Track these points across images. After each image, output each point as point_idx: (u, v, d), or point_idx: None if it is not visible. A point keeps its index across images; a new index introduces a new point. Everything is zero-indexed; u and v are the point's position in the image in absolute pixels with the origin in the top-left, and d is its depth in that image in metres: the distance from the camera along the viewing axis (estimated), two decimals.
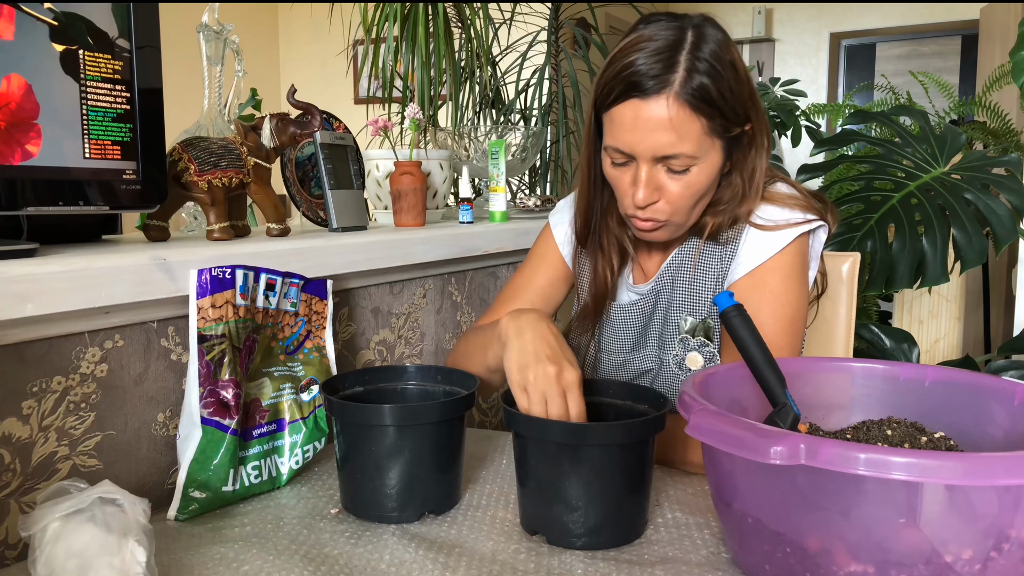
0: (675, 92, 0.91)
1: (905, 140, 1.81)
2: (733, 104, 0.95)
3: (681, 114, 0.91)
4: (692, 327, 1.07)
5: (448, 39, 2.19)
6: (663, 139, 0.92)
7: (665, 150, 0.93)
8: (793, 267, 1.03)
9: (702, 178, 0.97)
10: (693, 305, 1.07)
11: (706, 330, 1.07)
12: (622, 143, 0.95)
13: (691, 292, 1.07)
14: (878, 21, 5.75)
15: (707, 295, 1.06)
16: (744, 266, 1.03)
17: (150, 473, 0.93)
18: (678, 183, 0.96)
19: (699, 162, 0.95)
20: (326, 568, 0.75)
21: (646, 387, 0.89)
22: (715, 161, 0.97)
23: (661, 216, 0.99)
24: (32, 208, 0.82)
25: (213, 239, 1.04)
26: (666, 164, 0.95)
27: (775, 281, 1.02)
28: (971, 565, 0.59)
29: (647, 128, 0.93)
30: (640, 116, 0.93)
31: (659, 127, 0.92)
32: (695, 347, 1.07)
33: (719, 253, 1.06)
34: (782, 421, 0.79)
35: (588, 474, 0.77)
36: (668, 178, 0.96)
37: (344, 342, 1.23)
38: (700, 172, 0.96)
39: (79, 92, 0.84)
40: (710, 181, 0.98)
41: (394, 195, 1.36)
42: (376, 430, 0.84)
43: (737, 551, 0.73)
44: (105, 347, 0.88)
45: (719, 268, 1.06)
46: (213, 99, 1.24)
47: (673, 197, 0.97)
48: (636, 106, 0.93)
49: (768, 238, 1.02)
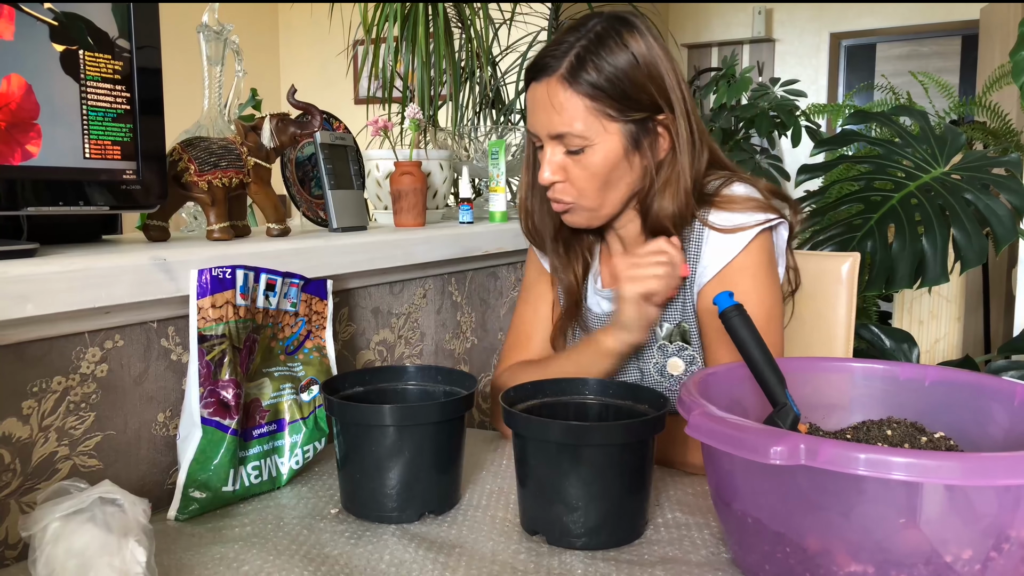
0: (560, 74, 0.98)
1: (905, 140, 1.81)
2: (625, 89, 0.97)
3: (563, 94, 0.98)
4: (668, 333, 1.08)
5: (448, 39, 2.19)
6: (551, 117, 0.99)
7: (555, 127, 0.99)
8: (760, 265, 1.03)
9: (598, 160, 1.00)
10: (665, 311, 1.07)
11: (682, 334, 1.07)
12: (528, 124, 1.04)
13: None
14: (878, 21, 5.75)
15: (677, 300, 1.06)
16: (710, 269, 1.03)
17: (150, 473, 0.93)
18: (577, 165, 1.01)
19: (593, 144, 0.99)
20: (326, 568, 0.75)
21: (646, 387, 0.89)
22: (613, 146, 0.99)
23: (567, 197, 1.03)
24: (32, 208, 0.82)
25: (213, 239, 1.04)
26: (562, 144, 1.00)
27: (744, 281, 1.02)
28: (971, 565, 0.59)
29: (539, 108, 1.00)
30: (535, 97, 1.01)
31: (546, 106, 0.99)
32: (674, 352, 1.08)
33: (687, 249, 1.06)
34: (782, 421, 0.79)
35: (588, 474, 0.77)
36: (570, 161, 1.01)
37: (344, 342, 1.23)
38: (596, 154, 0.99)
39: (79, 92, 0.84)
40: (610, 165, 1.00)
41: (394, 195, 1.36)
42: (376, 430, 0.84)
43: (737, 551, 0.73)
44: (105, 347, 0.88)
45: (692, 262, 1.06)
46: (213, 99, 1.24)
47: (575, 179, 1.02)
48: (533, 89, 1.01)
49: (728, 240, 1.03)
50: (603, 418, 0.90)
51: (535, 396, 0.90)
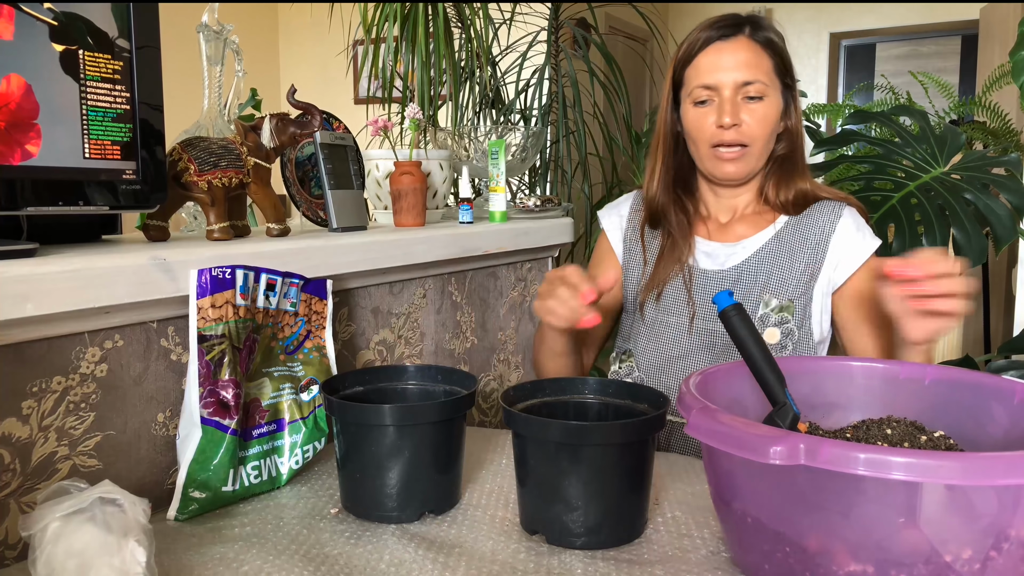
0: (747, 35, 1.16)
1: (905, 140, 1.81)
2: (784, 56, 1.18)
3: (754, 48, 1.15)
4: (776, 306, 1.16)
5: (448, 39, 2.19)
6: (743, 67, 1.13)
7: (745, 75, 1.13)
8: None
9: (772, 111, 1.15)
10: (778, 288, 1.16)
11: (786, 309, 1.15)
12: (708, 79, 1.15)
13: (778, 276, 1.16)
14: (878, 21, 5.75)
15: (793, 280, 1.15)
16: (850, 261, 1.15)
17: (150, 473, 0.93)
18: (755, 112, 1.14)
19: (769, 95, 1.14)
20: (326, 568, 0.75)
21: (646, 386, 0.89)
22: (778, 102, 1.16)
23: (744, 139, 1.14)
24: (32, 208, 0.82)
25: (213, 239, 1.04)
26: (744, 91, 1.14)
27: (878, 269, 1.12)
28: (971, 564, 0.58)
29: (730, 60, 1.14)
30: (724, 52, 1.15)
31: (739, 58, 1.14)
32: (775, 323, 1.15)
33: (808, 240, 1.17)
34: (781, 420, 0.79)
35: (587, 473, 0.77)
36: (746, 108, 1.14)
37: (344, 342, 1.23)
38: (770, 105, 1.15)
39: (79, 92, 0.84)
40: (776, 119, 1.16)
41: (394, 195, 1.36)
42: (376, 430, 0.84)
43: (737, 551, 0.73)
44: (105, 347, 0.88)
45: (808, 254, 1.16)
46: (213, 99, 1.24)
47: (752, 123, 1.14)
48: (719, 47, 1.15)
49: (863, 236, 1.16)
50: (603, 417, 0.90)
51: (535, 395, 0.90)
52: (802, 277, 1.16)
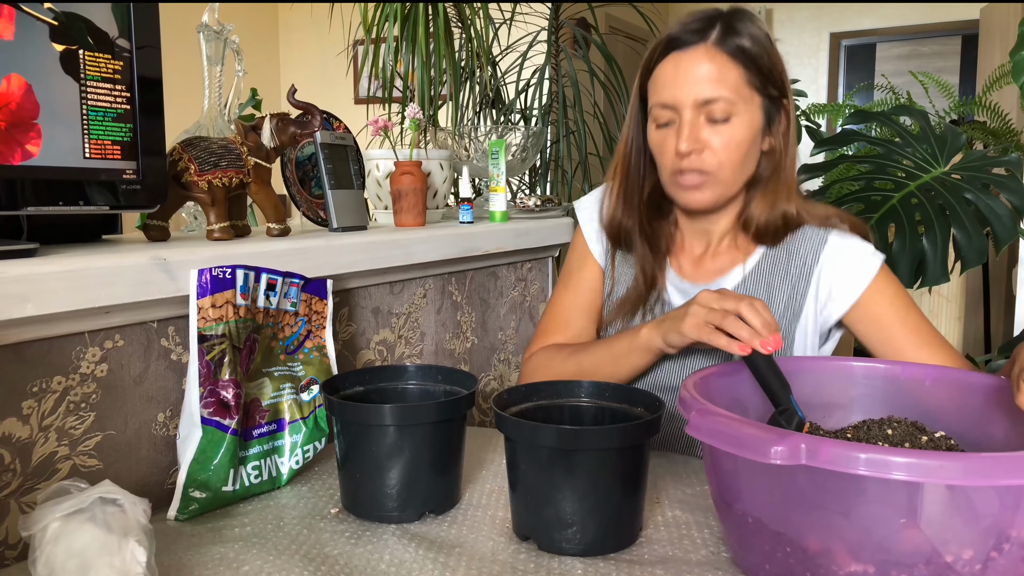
0: (712, 42, 0.99)
1: (905, 140, 1.81)
2: (769, 66, 1.01)
3: (718, 59, 0.99)
4: None
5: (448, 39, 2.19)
6: (703, 82, 0.98)
7: (705, 92, 0.98)
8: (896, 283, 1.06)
9: (743, 131, 1.00)
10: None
11: None
12: (666, 96, 1.01)
13: None
14: (878, 21, 5.75)
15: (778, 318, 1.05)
16: (852, 286, 1.04)
17: (150, 473, 0.93)
18: (720, 135, 0.99)
19: (739, 112, 0.99)
20: (326, 568, 0.75)
21: (642, 390, 0.87)
22: (755, 118, 1.01)
23: (707, 167, 1.00)
24: (32, 208, 0.82)
25: (213, 239, 1.04)
26: (707, 111, 0.99)
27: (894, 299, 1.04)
28: (971, 565, 0.58)
29: (688, 75, 0.99)
30: (680, 65, 1.00)
31: (699, 72, 0.99)
32: None
33: (788, 275, 1.06)
34: (786, 423, 0.79)
35: (581, 479, 0.76)
36: (711, 130, 0.99)
37: (344, 342, 1.23)
38: (740, 125, 0.99)
39: (79, 92, 0.84)
40: (750, 140, 1.01)
41: (394, 195, 1.36)
42: (376, 430, 0.84)
43: (737, 551, 0.73)
44: (105, 347, 0.88)
45: (788, 292, 1.06)
46: (213, 99, 1.24)
47: (717, 148, 1.00)
48: (677, 58, 1.00)
49: (861, 259, 1.05)
50: (599, 421, 0.89)
51: (529, 399, 0.89)
52: (781, 319, 1.06)
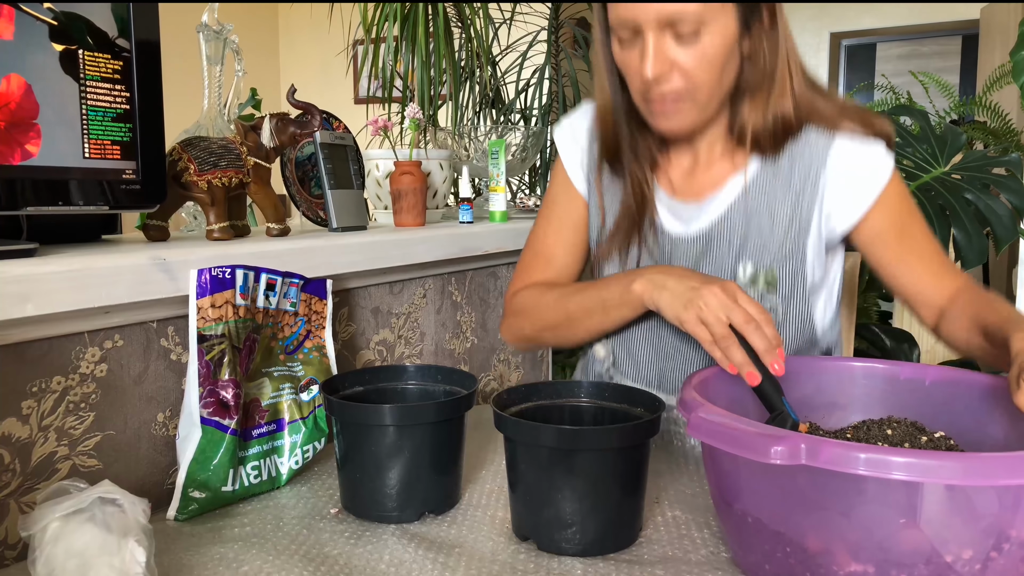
0: None
1: (905, 140, 1.81)
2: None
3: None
4: (752, 276, 0.98)
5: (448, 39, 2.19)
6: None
7: (668, 9, 0.86)
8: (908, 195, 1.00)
9: (716, 44, 0.88)
10: (756, 250, 0.97)
11: (768, 281, 0.97)
12: (626, 13, 0.89)
13: (755, 240, 0.97)
14: (878, 21, 5.75)
15: (775, 242, 0.96)
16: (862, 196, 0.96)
17: (150, 473, 0.93)
18: (690, 53, 0.88)
19: (709, 25, 0.87)
20: (326, 568, 0.75)
21: (641, 390, 0.87)
22: (728, 26, 0.89)
23: (677, 89, 0.90)
24: (32, 208, 0.82)
25: (213, 239, 1.04)
26: (673, 30, 0.88)
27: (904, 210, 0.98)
28: (971, 565, 0.58)
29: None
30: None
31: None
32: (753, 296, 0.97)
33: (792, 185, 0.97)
34: (781, 427, 0.79)
35: (580, 479, 0.76)
36: (679, 49, 0.89)
37: (344, 342, 1.23)
38: (713, 38, 0.88)
39: (79, 92, 0.84)
40: (726, 51, 0.90)
41: (394, 195, 1.36)
42: (376, 430, 0.84)
43: (737, 551, 0.73)
44: (105, 347, 0.88)
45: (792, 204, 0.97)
46: (213, 99, 1.24)
47: (687, 69, 0.89)
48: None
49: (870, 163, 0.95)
50: (599, 422, 0.89)
51: (529, 399, 0.89)
52: (787, 235, 0.96)
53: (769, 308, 0.97)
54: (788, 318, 1.00)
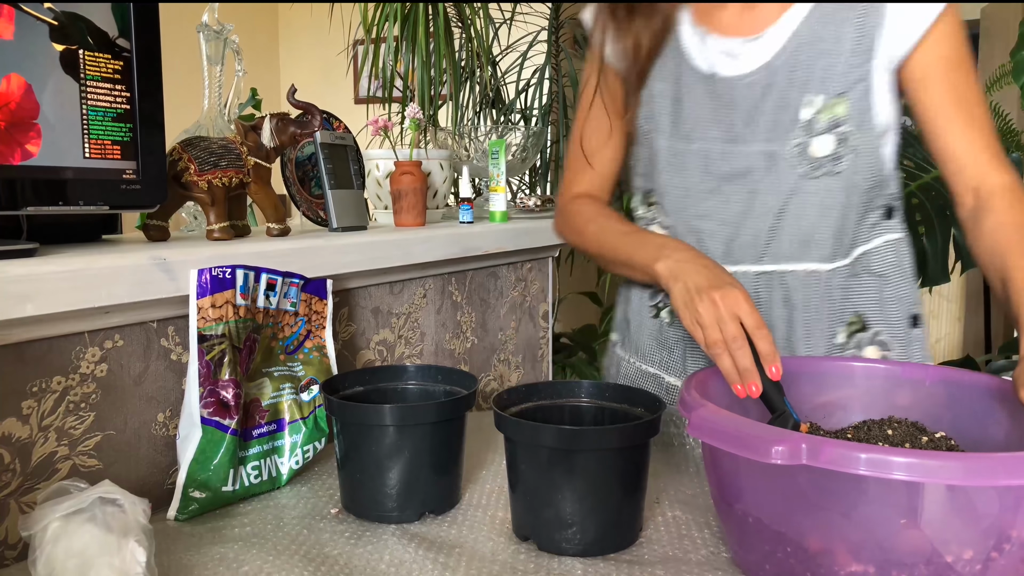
0: None
1: (906, 140, 1.80)
2: None
3: None
4: (820, 108, 0.93)
5: (448, 39, 2.19)
6: None
7: None
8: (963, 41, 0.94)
9: None
10: (824, 81, 0.92)
11: (835, 108, 0.92)
12: None
13: (823, 66, 0.92)
14: None
15: (842, 65, 0.92)
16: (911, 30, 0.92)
17: (150, 473, 0.93)
18: None
19: None
20: (326, 568, 0.74)
21: (642, 390, 0.87)
22: None
23: None
24: (32, 208, 0.82)
25: (213, 239, 1.04)
26: None
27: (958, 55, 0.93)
28: (972, 565, 0.58)
29: None
30: None
31: None
32: (824, 129, 0.92)
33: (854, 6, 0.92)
34: (782, 427, 0.79)
35: (581, 479, 0.76)
36: None
37: (344, 342, 1.23)
38: None
39: (79, 92, 0.84)
40: None
41: (394, 195, 1.36)
42: (376, 430, 0.84)
43: (737, 551, 0.73)
44: (105, 347, 0.88)
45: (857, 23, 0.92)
46: (213, 99, 1.24)
47: None
48: None
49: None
50: (599, 422, 0.89)
51: (529, 399, 0.89)
52: (854, 57, 0.92)
53: (843, 134, 0.93)
54: (859, 151, 0.95)
